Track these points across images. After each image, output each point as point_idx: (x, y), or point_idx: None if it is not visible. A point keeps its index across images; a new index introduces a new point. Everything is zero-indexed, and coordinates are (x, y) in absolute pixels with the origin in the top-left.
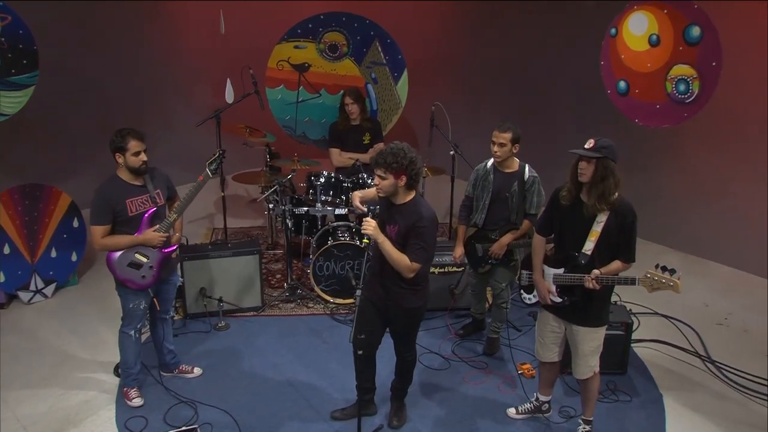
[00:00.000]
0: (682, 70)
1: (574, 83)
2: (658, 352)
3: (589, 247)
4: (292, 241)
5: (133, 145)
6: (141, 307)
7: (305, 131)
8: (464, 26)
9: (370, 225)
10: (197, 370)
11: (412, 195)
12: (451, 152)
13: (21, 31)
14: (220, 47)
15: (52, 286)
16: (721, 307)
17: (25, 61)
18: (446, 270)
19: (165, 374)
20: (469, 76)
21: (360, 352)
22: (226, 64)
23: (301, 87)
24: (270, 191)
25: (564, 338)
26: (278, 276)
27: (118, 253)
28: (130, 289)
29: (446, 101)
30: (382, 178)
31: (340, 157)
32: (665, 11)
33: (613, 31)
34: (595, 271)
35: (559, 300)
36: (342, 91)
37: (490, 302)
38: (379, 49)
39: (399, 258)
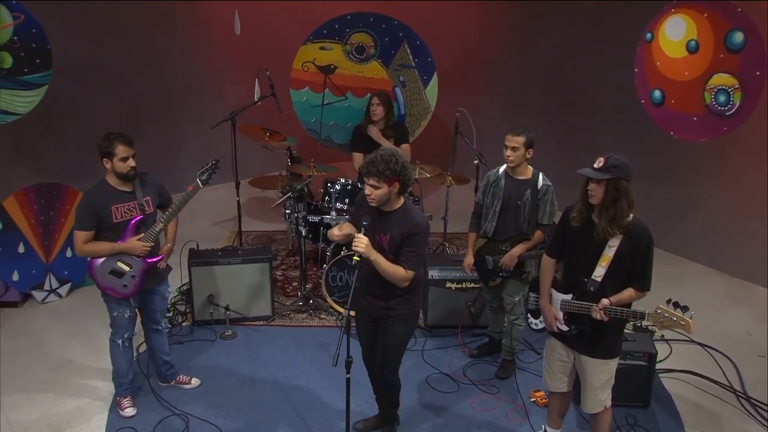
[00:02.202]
0: (722, 79)
1: (617, 87)
2: (688, 385)
3: (599, 273)
4: (311, 249)
5: (121, 150)
6: (126, 316)
7: (330, 135)
8: (498, 27)
9: (362, 242)
10: (195, 381)
11: (401, 201)
12: (475, 161)
13: (34, 30)
14: (251, 47)
15: (67, 286)
16: (766, 337)
17: (38, 60)
18: (463, 285)
19: (162, 384)
20: (505, 79)
21: (348, 376)
22: (258, 63)
23: (327, 89)
24: (284, 197)
25: (574, 367)
26: (295, 284)
27: (100, 260)
28: (113, 297)
29: (479, 106)
30: (375, 188)
31: (362, 162)
32: (705, 15)
33: (648, 35)
34: (604, 301)
35: (566, 328)
36: (369, 94)
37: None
38: (408, 51)
39: (394, 271)
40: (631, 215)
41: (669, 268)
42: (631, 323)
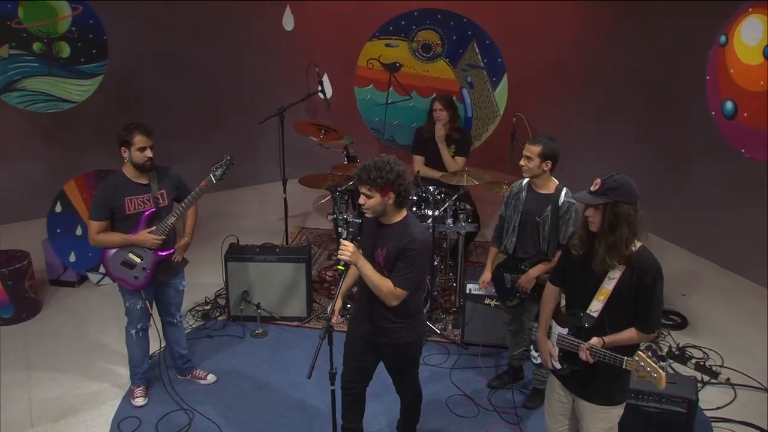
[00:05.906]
0: None
1: None
2: None
3: (596, 307)
4: None
5: (139, 140)
6: (137, 307)
7: (394, 135)
8: (578, 27)
9: (347, 249)
10: (211, 377)
11: (403, 214)
12: None
13: (91, 21)
14: (329, 44)
15: None
16: None
17: (94, 51)
18: None
19: (180, 377)
20: (584, 84)
21: (332, 388)
22: (333, 60)
23: (392, 88)
24: (326, 198)
25: (574, 410)
26: None
27: (113, 251)
28: (126, 288)
29: (550, 111)
30: (368, 197)
31: (423, 167)
32: None
33: (722, 38)
34: (594, 340)
35: (559, 366)
36: (434, 95)
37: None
38: (477, 50)
39: (381, 283)
40: (638, 244)
41: (753, 301)
42: (701, 363)
